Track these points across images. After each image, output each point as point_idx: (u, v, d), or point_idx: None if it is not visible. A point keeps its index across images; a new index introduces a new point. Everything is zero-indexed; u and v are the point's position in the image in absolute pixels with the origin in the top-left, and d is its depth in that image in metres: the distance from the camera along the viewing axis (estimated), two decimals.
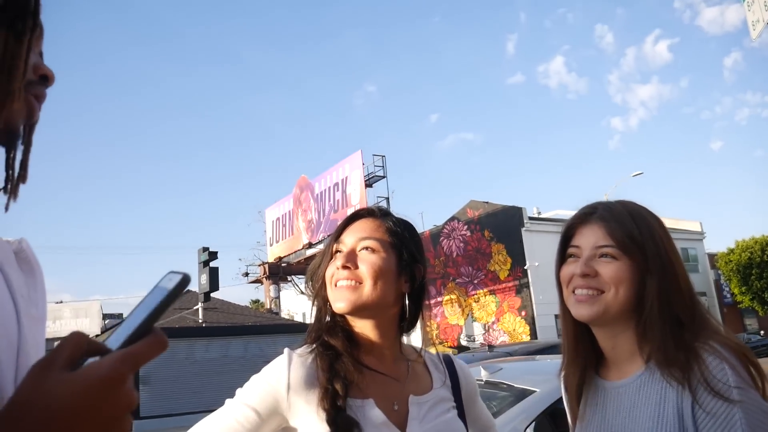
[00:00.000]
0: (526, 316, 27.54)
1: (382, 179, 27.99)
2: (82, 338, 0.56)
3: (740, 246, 32.35)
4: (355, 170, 27.43)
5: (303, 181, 31.90)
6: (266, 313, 28.18)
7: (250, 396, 1.18)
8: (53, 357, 0.54)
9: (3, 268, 0.69)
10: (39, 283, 0.75)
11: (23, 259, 0.75)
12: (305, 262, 31.25)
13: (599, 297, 1.20)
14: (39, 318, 0.72)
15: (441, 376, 1.34)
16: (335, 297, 1.23)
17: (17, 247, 0.75)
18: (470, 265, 30.56)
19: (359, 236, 1.26)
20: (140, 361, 0.54)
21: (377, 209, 1.34)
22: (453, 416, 1.28)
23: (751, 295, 31.69)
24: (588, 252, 1.23)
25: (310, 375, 1.19)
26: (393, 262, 1.25)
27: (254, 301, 46.75)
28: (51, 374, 0.52)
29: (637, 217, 1.23)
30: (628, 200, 1.30)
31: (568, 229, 1.30)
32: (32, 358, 0.67)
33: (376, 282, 1.21)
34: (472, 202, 31.56)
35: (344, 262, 1.22)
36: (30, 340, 0.68)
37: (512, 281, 28.41)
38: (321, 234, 29.45)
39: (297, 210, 31.90)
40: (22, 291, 0.70)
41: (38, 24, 0.69)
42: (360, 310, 1.21)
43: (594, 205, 1.30)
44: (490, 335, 29.17)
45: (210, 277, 20.63)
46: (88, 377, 0.52)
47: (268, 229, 35.01)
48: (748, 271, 31.59)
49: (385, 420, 1.16)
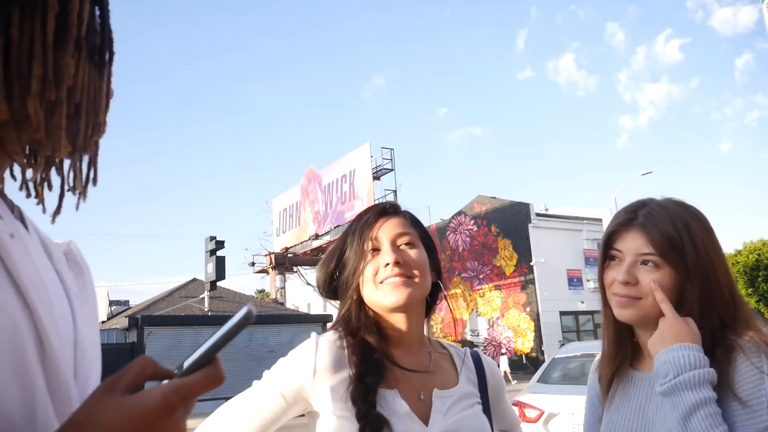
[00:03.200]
0: (530, 313, 27.52)
1: (389, 172, 27.99)
2: (148, 363, 0.58)
3: (747, 248, 32.18)
4: (363, 162, 27.43)
5: (311, 172, 31.93)
6: (271, 303, 28.29)
7: (276, 379, 1.21)
8: (117, 379, 0.56)
9: (58, 269, 0.72)
10: (88, 282, 0.79)
11: (72, 260, 0.78)
12: (312, 253, 31.32)
13: (639, 302, 1.23)
14: (92, 316, 0.76)
15: (467, 371, 1.34)
16: (386, 293, 1.23)
17: (66, 248, 0.78)
18: (476, 260, 30.54)
19: (397, 232, 1.28)
20: (193, 393, 0.56)
21: (400, 208, 1.37)
22: (477, 412, 1.28)
23: (757, 297, 31.54)
24: (630, 258, 1.25)
25: (337, 360, 1.20)
26: (426, 255, 1.29)
27: (260, 290, 46.93)
28: (111, 397, 0.55)
29: (679, 223, 1.22)
30: (673, 200, 1.30)
31: (611, 233, 1.31)
32: (88, 354, 0.70)
33: (423, 275, 1.25)
34: (479, 197, 31.51)
35: (395, 259, 1.23)
36: (86, 338, 0.71)
37: (518, 277, 28.39)
38: (328, 225, 29.50)
39: (304, 201, 31.95)
40: (74, 291, 0.73)
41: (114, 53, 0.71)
42: (409, 305, 1.23)
43: (635, 208, 1.29)
44: (494, 330, 29.18)
45: (216, 266, 20.70)
46: (140, 405, 0.54)
47: (274, 219, 35.10)
48: (755, 272, 31.43)
49: (408, 411, 1.17)
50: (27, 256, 0.63)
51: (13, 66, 0.60)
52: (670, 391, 1.12)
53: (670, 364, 1.13)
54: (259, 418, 1.18)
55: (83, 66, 0.65)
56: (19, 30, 0.60)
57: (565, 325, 27.85)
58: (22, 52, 0.60)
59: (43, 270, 0.67)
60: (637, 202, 1.32)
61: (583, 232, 29.02)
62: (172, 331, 18.76)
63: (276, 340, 20.39)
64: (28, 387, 0.57)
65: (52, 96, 0.61)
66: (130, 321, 19.20)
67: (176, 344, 18.14)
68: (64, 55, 0.62)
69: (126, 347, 18.32)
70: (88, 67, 0.66)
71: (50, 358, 0.60)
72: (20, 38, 0.60)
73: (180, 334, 18.52)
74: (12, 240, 0.62)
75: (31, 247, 0.66)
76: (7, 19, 0.59)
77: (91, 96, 0.67)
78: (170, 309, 22.22)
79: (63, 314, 0.67)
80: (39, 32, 0.60)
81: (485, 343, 29.18)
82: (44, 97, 0.61)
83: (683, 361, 1.12)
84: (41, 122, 0.61)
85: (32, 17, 0.60)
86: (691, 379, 1.10)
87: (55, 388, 0.61)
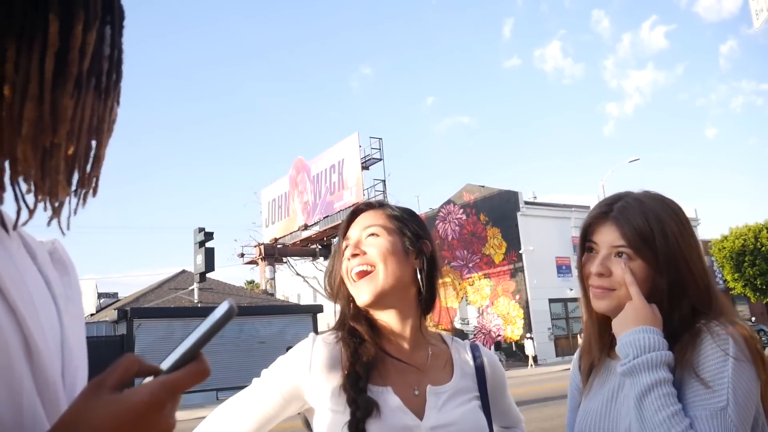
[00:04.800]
0: (520, 300, 27.70)
1: (378, 162, 27.94)
2: (134, 360, 0.58)
3: (734, 233, 32.52)
4: (351, 152, 27.37)
5: (299, 162, 31.83)
6: (261, 294, 28.27)
7: (274, 377, 1.23)
8: (104, 378, 0.57)
9: (42, 269, 0.71)
10: (74, 281, 0.78)
11: (57, 260, 0.77)
12: (301, 243, 31.29)
13: (612, 293, 1.27)
14: (78, 315, 0.75)
15: (465, 365, 1.34)
16: (357, 292, 1.26)
17: (51, 247, 0.78)
18: (465, 249, 30.66)
19: (362, 226, 1.31)
20: (180, 388, 0.57)
21: (376, 202, 1.38)
22: (473, 407, 1.27)
23: (743, 282, 31.93)
24: (605, 251, 1.28)
25: (332, 358, 1.22)
26: (398, 242, 1.29)
27: (249, 281, 46.85)
28: (100, 396, 0.55)
29: (651, 216, 1.26)
30: (649, 194, 1.33)
31: (587, 225, 1.36)
32: (75, 354, 0.70)
33: (386, 262, 1.25)
34: (468, 185, 31.57)
35: (353, 251, 1.27)
36: (72, 337, 0.71)
37: (507, 265, 28.54)
38: (317, 216, 29.46)
39: (293, 191, 31.87)
40: (59, 290, 0.73)
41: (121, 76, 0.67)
42: (382, 297, 1.25)
43: (611, 201, 1.33)
44: (484, 318, 29.36)
45: (206, 258, 20.64)
46: (129, 401, 0.54)
47: (263, 210, 35.00)
48: (741, 258, 31.80)
49: (401, 405, 1.19)
50: (8, 259, 0.63)
51: (5, 106, 0.56)
52: (629, 372, 1.17)
53: (630, 346, 1.18)
54: (257, 416, 1.20)
55: (84, 100, 0.61)
56: (14, 66, 0.56)
57: (554, 312, 28.07)
58: (16, 91, 0.56)
59: (27, 272, 0.66)
60: (615, 195, 1.36)
61: (571, 219, 29.18)
62: (162, 323, 18.73)
63: (266, 330, 20.40)
64: (15, 389, 0.58)
65: (47, 142, 0.59)
66: (120, 313, 19.13)
67: (166, 336, 18.10)
68: (63, 95, 0.59)
69: (116, 339, 18.25)
70: (90, 98, 0.62)
71: (37, 359, 0.61)
72: (15, 76, 0.56)
73: (170, 326, 18.49)
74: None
75: (13, 250, 0.65)
76: (2, 54, 0.56)
77: (93, 129, 0.64)
78: (160, 301, 22.13)
79: (49, 315, 0.67)
80: (36, 71, 0.57)
81: (475, 331, 29.36)
82: (38, 141, 0.58)
83: (642, 343, 1.16)
84: (32, 166, 0.59)
85: (29, 53, 0.57)
86: (648, 360, 1.15)
87: (44, 389, 0.61)
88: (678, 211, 1.31)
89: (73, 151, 0.63)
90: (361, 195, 26.18)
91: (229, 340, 18.75)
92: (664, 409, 1.10)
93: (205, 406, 15.49)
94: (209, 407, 10.77)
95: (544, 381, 16.67)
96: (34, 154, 0.59)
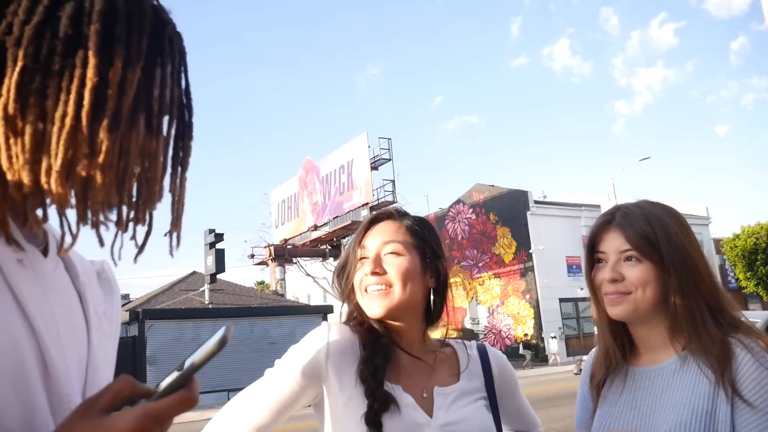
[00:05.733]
0: (530, 300, 27.59)
1: (387, 162, 27.87)
2: (127, 383, 0.59)
3: (746, 231, 32.21)
4: (360, 153, 27.36)
5: (308, 163, 31.87)
6: (272, 295, 28.32)
7: (290, 364, 1.21)
8: (95, 400, 0.57)
9: (81, 289, 0.74)
10: (116, 300, 0.81)
11: (104, 279, 0.81)
12: (310, 244, 31.32)
13: (628, 297, 1.28)
14: (111, 333, 0.78)
15: (472, 366, 1.34)
16: (367, 304, 1.26)
17: (100, 267, 0.81)
18: (475, 249, 30.58)
19: (383, 240, 1.28)
20: (165, 417, 0.58)
21: (395, 211, 1.36)
22: (479, 407, 1.28)
23: (755, 280, 31.62)
24: (614, 257, 1.31)
25: (348, 344, 1.23)
26: (417, 262, 1.27)
27: (260, 282, 46.93)
28: (87, 418, 0.56)
29: (653, 219, 1.29)
30: (646, 201, 1.37)
31: (593, 237, 1.38)
32: (100, 371, 0.72)
33: (405, 284, 1.24)
34: (477, 185, 31.49)
35: (373, 268, 1.25)
36: (99, 355, 0.72)
37: (517, 265, 28.43)
38: (326, 216, 29.48)
39: (302, 192, 31.91)
40: (98, 308, 0.75)
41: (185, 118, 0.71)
42: (392, 312, 1.24)
43: (612, 211, 1.37)
44: (494, 318, 29.27)
45: (216, 259, 20.72)
46: (113, 428, 0.55)
47: (273, 211, 35.06)
48: (753, 256, 31.49)
49: (413, 403, 1.19)
50: (34, 280, 0.64)
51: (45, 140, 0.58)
52: None
53: None
54: (273, 404, 1.19)
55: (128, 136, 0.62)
56: (54, 102, 0.58)
57: (564, 311, 27.93)
58: (54, 124, 0.58)
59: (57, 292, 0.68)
60: (614, 206, 1.41)
61: (581, 218, 29.03)
62: (173, 324, 18.80)
63: (277, 331, 20.44)
64: (29, 405, 0.59)
65: (82, 172, 0.59)
66: (131, 314, 19.22)
67: (177, 337, 18.18)
68: (100, 129, 0.60)
69: (127, 341, 18.34)
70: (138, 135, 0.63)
71: (54, 377, 0.62)
72: (54, 110, 0.58)
73: (181, 327, 18.56)
74: (19, 265, 0.63)
75: (45, 271, 0.67)
76: (44, 92, 0.58)
77: (144, 166, 0.65)
78: (171, 302, 22.23)
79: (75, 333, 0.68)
80: (72, 105, 0.58)
81: (485, 331, 29.27)
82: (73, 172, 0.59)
83: None
84: (66, 196, 0.60)
85: (68, 90, 0.58)
86: None
87: (57, 407, 0.62)
88: (677, 214, 1.34)
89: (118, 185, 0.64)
90: (370, 195, 26.18)
91: (240, 341, 18.79)
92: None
93: (217, 406, 15.54)
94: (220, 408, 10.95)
95: (556, 381, 16.60)
96: (69, 184, 0.60)
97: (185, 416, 12.85)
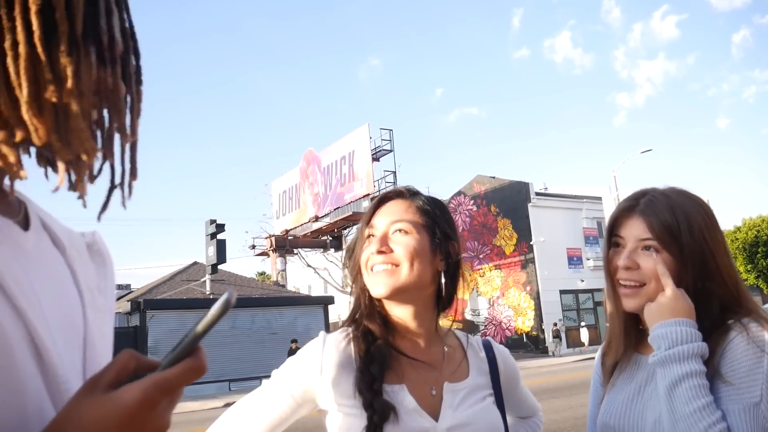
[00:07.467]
0: (530, 292, 27.63)
1: (389, 153, 27.87)
2: (131, 357, 0.57)
3: (747, 224, 32.22)
4: (362, 144, 27.32)
5: (310, 154, 31.83)
6: (273, 286, 28.39)
7: (284, 379, 1.20)
8: (100, 377, 0.56)
9: (71, 263, 0.70)
10: (109, 273, 0.77)
11: (96, 251, 0.76)
12: (311, 235, 31.34)
13: (641, 289, 1.26)
14: (107, 309, 0.74)
15: (479, 362, 1.33)
16: (373, 282, 1.22)
17: (90, 239, 0.77)
18: (476, 240, 30.58)
19: (391, 219, 1.25)
20: (173, 386, 0.55)
21: (406, 190, 1.32)
22: (488, 404, 1.26)
23: (756, 273, 31.65)
24: (631, 244, 1.28)
25: (344, 359, 1.19)
26: (426, 242, 1.23)
27: (261, 273, 47.00)
28: (92, 395, 0.54)
29: (678, 210, 1.26)
30: (675, 189, 1.33)
31: (614, 219, 1.35)
32: (98, 348, 0.69)
33: (412, 263, 1.20)
34: (478, 176, 31.45)
35: (379, 246, 1.22)
36: (96, 331, 0.70)
37: (518, 256, 28.45)
38: (327, 207, 29.48)
39: (304, 183, 31.89)
40: (90, 283, 0.72)
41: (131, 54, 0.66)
42: (398, 293, 1.21)
43: (638, 196, 1.33)
44: (494, 310, 29.32)
45: (217, 250, 20.75)
46: (120, 402, 0.53)
47: (274, 201, 35.06)
48: (754, 249, 31.51)
49: (416, 407, 1.16)
50: (15, 258, 0.61)
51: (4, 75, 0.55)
52: (661, 363, 1.16)
53: (662, 338, 1.17)
54: (269, 419, 1.18)
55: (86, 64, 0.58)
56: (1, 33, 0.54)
57: (565, 303, 27.97)
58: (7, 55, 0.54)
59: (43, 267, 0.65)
60: (641, 190, 1.36)
61: (582, 210, 29.02)
62: (175, 314, 18.86)
63: (278, 322, 20.50)
64: (17, 389, 0.56)
65: (52, 98, 0.56)
66: (133, 305, 19.29)
67: (179, 327, 18.22)
68: (59, 53, 0.56)
69: (129, 331, 18.42)
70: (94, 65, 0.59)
71: (46, 359, 0.59)
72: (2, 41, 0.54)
73: (182, 318, 18.61)
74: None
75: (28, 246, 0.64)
76: None
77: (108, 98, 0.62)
78: (172, 292, 22.30)
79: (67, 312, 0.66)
80: (22, 31, 0.54)
81: (486, 323, 29.33)
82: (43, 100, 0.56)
83: (675, 336, 1.15)
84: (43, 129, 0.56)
85: (12, 17, 0.54)
86: (681, 351, 1.13)
87: (54, 389, 0.60)
88: (704, 206, 1.29)
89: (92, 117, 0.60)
90: (371, 186, 26.16)
91: (241, 332, 18.85)
92: (695, 400, 1.09)
93: (218, 396, 15.37)
94: (222, 398, 10.93)
95: (555, 372, 16.65)
96: (41, 114, 0.56)
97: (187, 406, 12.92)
